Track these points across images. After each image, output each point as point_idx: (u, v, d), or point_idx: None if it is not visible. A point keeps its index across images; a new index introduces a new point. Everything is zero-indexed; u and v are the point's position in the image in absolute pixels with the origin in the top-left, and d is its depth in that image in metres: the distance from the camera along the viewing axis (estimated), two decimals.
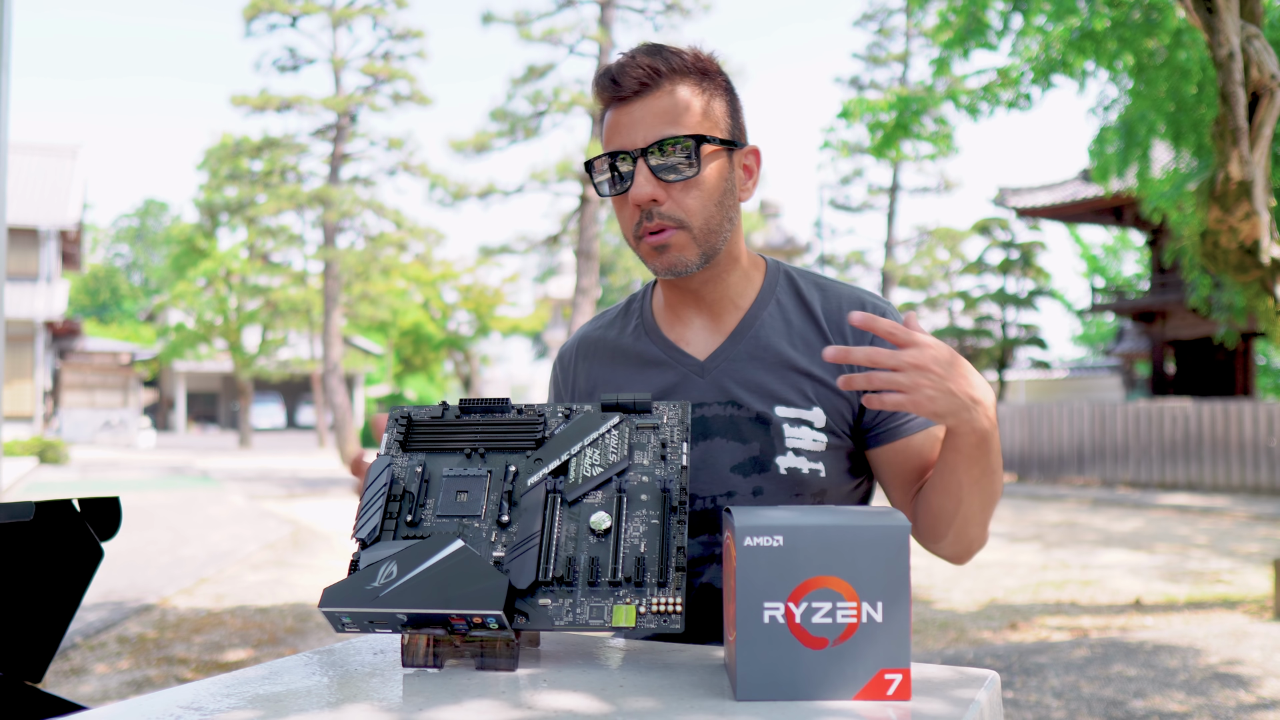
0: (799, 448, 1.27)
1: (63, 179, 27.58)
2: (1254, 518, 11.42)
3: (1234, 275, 4.63)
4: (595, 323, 1.46)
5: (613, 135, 1.25)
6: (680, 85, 1.24)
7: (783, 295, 1.34)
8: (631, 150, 1.22)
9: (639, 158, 1.22)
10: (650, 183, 1.22)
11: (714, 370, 1.30)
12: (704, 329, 1.34)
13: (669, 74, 1.23)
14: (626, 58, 1.25)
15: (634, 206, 1.23)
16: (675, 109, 1.23)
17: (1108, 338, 35.87)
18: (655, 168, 1.22)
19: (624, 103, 1.24)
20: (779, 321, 1.32)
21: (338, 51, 21.74)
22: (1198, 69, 6.47)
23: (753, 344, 1.31)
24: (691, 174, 1.22)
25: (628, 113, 1.23)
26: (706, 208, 1.24)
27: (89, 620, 5.80)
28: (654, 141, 1.21)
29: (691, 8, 17.88)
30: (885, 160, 11.67)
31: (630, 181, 1.23)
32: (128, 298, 58.59)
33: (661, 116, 1.22)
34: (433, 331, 28.82)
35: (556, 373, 1.46)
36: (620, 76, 1.23)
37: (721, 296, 1.32)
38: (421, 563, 0.95)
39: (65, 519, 1.27)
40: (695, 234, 1.24)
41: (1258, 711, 4.06)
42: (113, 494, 1.34)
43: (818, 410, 1.28)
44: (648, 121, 1.22)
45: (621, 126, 1.24)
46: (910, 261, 27.42)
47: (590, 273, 16.74)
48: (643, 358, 1.35)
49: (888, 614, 0.87)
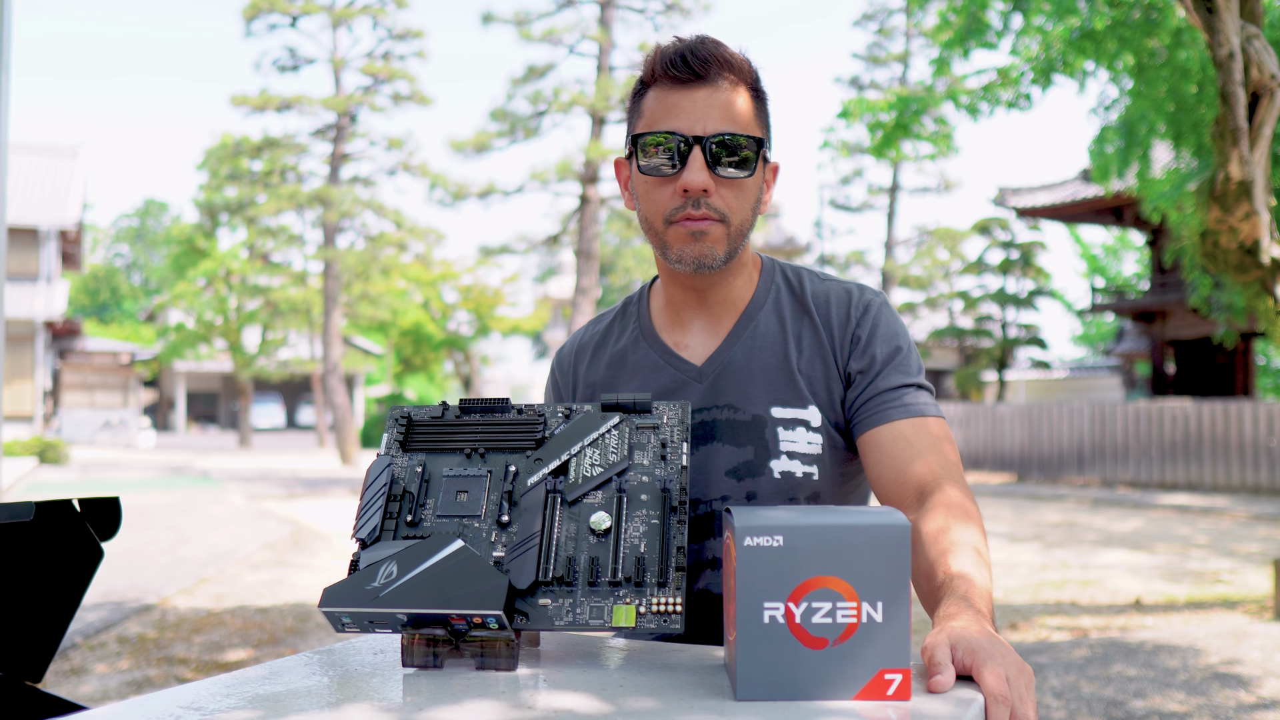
0: (793, 450, 1.26)
1: (63, 179, 27.58)
2: (1254, 518, 11.42)
3: (1234, 275, 4.63)
4: (592, 327, 1.45)
5: (669, 115, 1.23)
6: (740, 85, 1.25)
7: (779, 293, 1.35)
8: (690, 135, 1.21)
9: (696, 145, 1.21)
10: (705, 172, 1.21)
11: (711, 374, 1.31)
12: (702, 331, 1.34)
13: (734, 71, 1.24)
14: (692, 41, 1.24)
15: (680, 191, 1.22)
16: (739, 107, 1.23)
17: (1108, 338, 35.87)
18: (713, 159, 1.22)
19: (685, 85, 1.23)
20: (774, 320, 1.32)
21: (338, 51, 21.74)
22: (1198, 69, 6.47)
23: (749, 344, 1.31)
24: (745, 175, 1.23)
25: (689, 97, 1.22)
26: (745, 208, 1.26)
27: (89, 620, 5.80)
28: (719, 133, 1.21)
29: (691, 8, 17.89)
30: (885, 160, 11.68)
31: (682, 164, 1.22)
32: (128, 298, 58.59)
33: (726, 111, 1.22)
34: (433, 331, 28.83)
35: (555, 376, 1.46)
36: (690, 59, 1.22)
37: (724, 298, 1.33)
38: (421, 563, 0.95)
39: (65, 519, 1.27)
40: (730, 231, 1.25)
41: (1258, 711, 4.06)
42: (113, 494, 1.34)
43: (813, 409, 1.28)
44: (713, 112, 1.22)
45: (682, 109, 1.22)
46: (910, 261, 27.42)
47: (590, 273, 16.74)
48: (640, 363, 1.35)
49: (888, 614, 0.87)
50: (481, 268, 26.27)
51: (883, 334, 1.30)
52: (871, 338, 1.30)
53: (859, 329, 1.30)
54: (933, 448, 1.24)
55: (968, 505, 1.18)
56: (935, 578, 1.09)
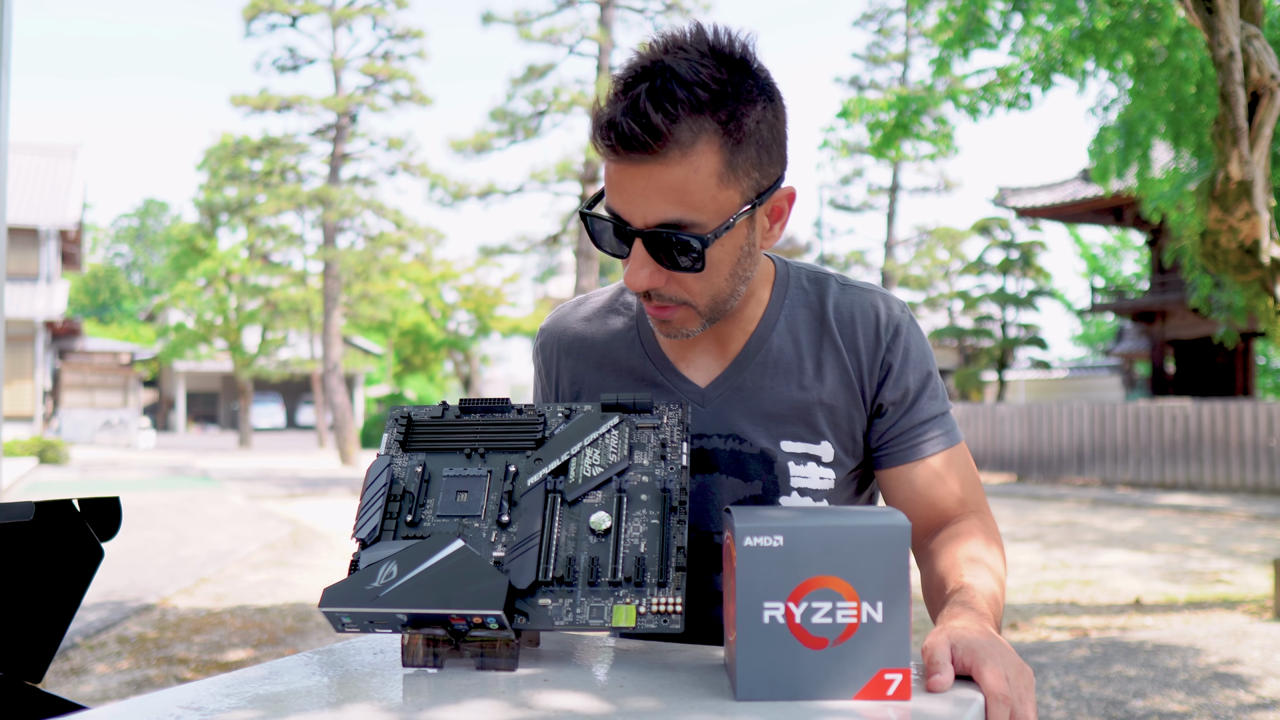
0: (804, 487, 1.19)
1: (63, 179, 27.58)
2: (1254, 518, 11.42)
3: (1234, 275, 4.63)
4: (578, 310, 1.32)
5: (610, 190, 1.06)
6: (694, 142, 1.01)
7: (794, 308, 1.22)
8: (629, 225, 1.05)
9: (637, 237, 1.05)
10: (648, 268, 1.06)
11: (716, 400, 1.20)
12: (708, 351, 1.22)
13: (682, 121, 1.00)
14: (632, 98, 1.00)
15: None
16: (683, 184, 1.02)
17: (1108, 338, 35.88)
18: (655, 253, 1.06)
19: (619, 158, 1.02)
20: (789, 342, 1.21)
21: (338, 51, 21.75)
22: (1198, 69, 6.48)
23: (759, 371, 1.20)
24: (696, 269, 1.06)
25: (626, 174, 1.03)
26: (714, 286, 1.10)
27: (89, 620, 5.80)
28: (659, 224, 1.03)
29: (691, 8, 17.90)
30: (885, 160, 11.68)
31: (629, 248, 1.07)
32: (128, 298, 58.59)
33: (666, 193, 1.02)
34: (433, 331, 28.84)
35: (538, 361, 1.35)
36: (618, 128, 1.00)
37: (730, 324, 1.21)
38: (421, 563, 0.95)
39: (65, 519, 1.27)
40: (701, 308, 1.12)
41: (1258, 711, 4.06)
42: (113, 494, 1.34)
43: (826, 444, 1.20)
44: (650, 196, 1.02)
45: (619, 188, 1.04)
46: (910, 261, 27.44)
47: (590, 273, 16.75)
48: (637, 375, 1.24)
49: (888, 614, 0.87)
50: (481, 268, 26.30)
51: (914, 360, 1.21)
52: (904, 366, 1.20)
53: (890, 355, 1.20)
54: (961, 480, 1.22)
55: (990, 531, 1.19)
56: (946, 590, 1.10)
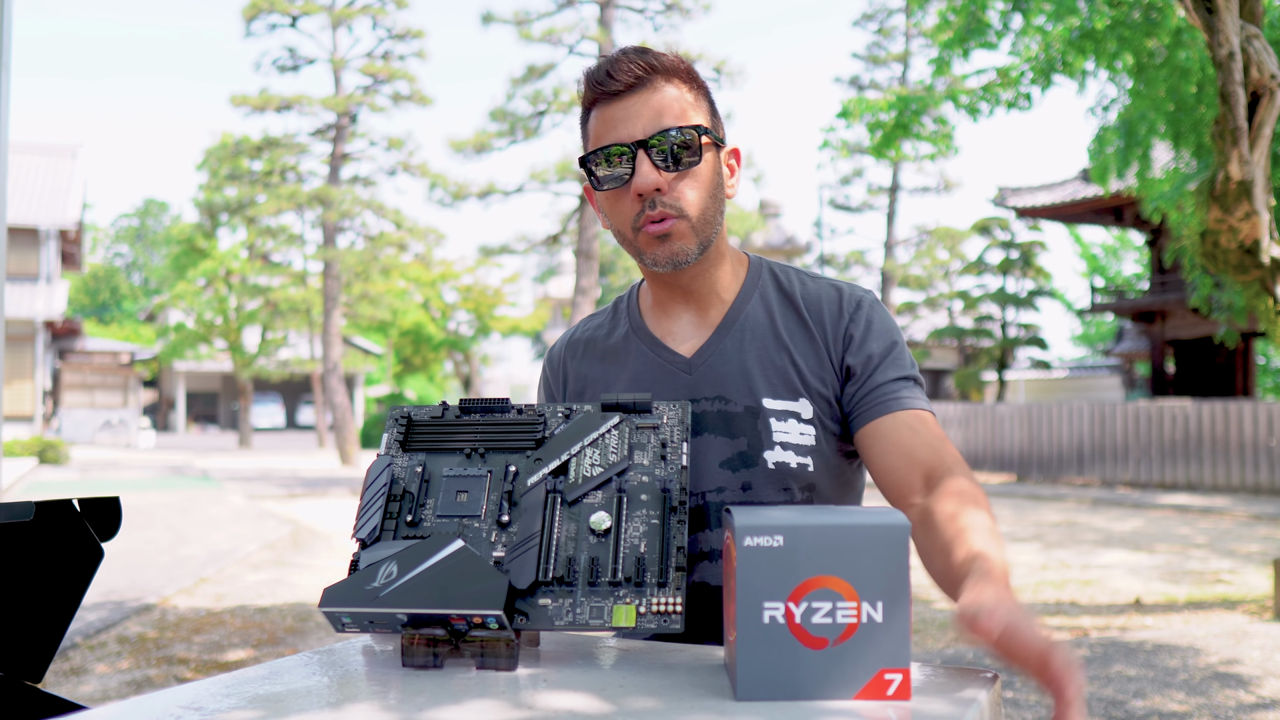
0: (786, 441, 1.27)
1: (63, 179, 27.59)
2: (1254, 518, 11.42)
3: (1234, 275, 4.63)
4: (584, 324, 1.48)
5: (606, 130, 1.27)
6: (671, 82, 1.27)
7: (766, 288, 1.36)
8: (630, 142, 1.25)
9: (639, 149, 1.24)
10: (654, 172, 1.24)
11: (701, 366, 1.32)
12: (691, 324, 1.35)
13: (661, 71, 1.27)
14: (616, 55, 1.28)
15: (635, 197, 1.25)
16: (671, 102, 1.26)
17: (1108, 338, 35.88)
18: (657, 157, 1.24)
19: (617, 98, 1.26)
20: (763, 313, 1.34)
21: (338, 51, 21.75)
22: (1198, 69, 6.47)
23: (739, 336, 1.32)
24: (694, 162, 1.25)
25: (622, 108, 1.26)
26: (703, 199, 1.27)
27: (89, 620, 5.80)
28: (655, 132, 1.24)
29: (691, 8, 17.89)
30: (885, 160, 11.67)
31: (630, 174, 1.25)
32: (128, 298, 58.59)
33: (658, 109, 1.25)
34: (433, 331, 28.84)
35: (546, 373, 1.48)
36: (614, 72, 1.26)
37: (709, 290, 1.34)
38: (421, 563, 0.95)
39: (65, 519, 1.27)
40: (694, 224, 1.26)
41: (1258, 711, 4.06)
42: (113, 494, 1.34)
43: (804, 401, 1.29)
44: (645, 115, 1.25)
45: (616, 121, 1.26)
46: (910, 261, 27.43)
47: (590, 273, 16.74)
48: (630, 356, 1.37)
49: (888, 614, 0.87)
50: (481, 268, 26.30)
51: (877, 330, 1.31)
52: (866, 334, 1.31)
53: (852, 326, 1.31)
54: (937, 438, 1.25)
55: (977, 491, 1.17)
56: (954, 555, 1.07)
